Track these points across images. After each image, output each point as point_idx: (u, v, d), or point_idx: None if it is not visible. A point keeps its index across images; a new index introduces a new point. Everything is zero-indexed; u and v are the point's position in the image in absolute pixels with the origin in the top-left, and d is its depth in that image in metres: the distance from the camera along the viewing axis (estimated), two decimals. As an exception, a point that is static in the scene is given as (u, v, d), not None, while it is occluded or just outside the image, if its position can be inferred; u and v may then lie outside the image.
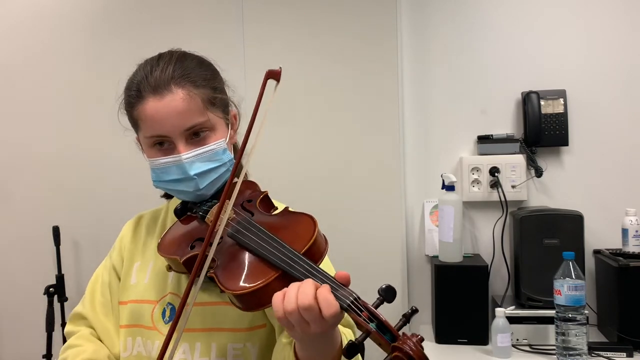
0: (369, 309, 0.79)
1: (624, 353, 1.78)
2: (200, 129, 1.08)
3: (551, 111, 2.12)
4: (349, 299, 0.80)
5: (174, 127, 1.06)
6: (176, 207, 1.17)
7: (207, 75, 1.12)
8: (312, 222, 0.94)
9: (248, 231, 0.98)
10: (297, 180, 2.16)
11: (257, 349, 1.09)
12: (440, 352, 1.89)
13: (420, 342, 0.75)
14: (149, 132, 1.09)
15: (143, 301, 1.14)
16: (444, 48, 2.21)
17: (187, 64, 1.11)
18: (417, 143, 2.22)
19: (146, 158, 1.14)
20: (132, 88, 1.10)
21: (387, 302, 0.80)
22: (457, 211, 2.00)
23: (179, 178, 1.09)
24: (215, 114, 1.11)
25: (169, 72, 1.07)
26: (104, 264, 1.26)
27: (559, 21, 2.15)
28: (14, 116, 2.38)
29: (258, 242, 0.94)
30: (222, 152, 1.11)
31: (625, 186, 2.11)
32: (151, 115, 1.07)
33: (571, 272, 1.71)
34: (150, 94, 1.07)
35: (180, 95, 1.06)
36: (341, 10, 2.17)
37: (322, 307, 0.79)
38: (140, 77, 1.09)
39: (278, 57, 2.19)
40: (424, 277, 2.21)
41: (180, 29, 2.24)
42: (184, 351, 1.08)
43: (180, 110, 1.06)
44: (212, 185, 1.11)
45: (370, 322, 0.78)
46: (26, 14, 2.36)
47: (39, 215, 2.33)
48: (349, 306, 0.79)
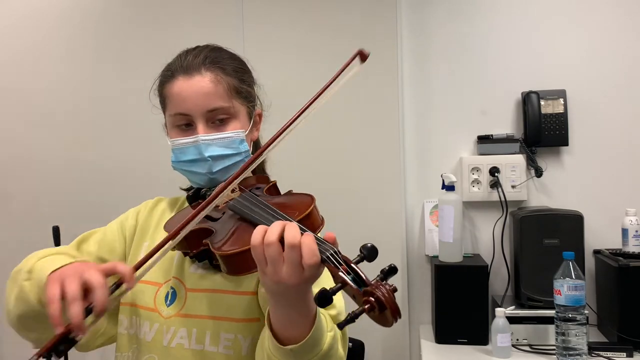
0: (348, 263, 0.79)
1: (624, 353, 1.78)
2: (222, 114, 1.13)
3: (551, 111, 2.12)
4: (329, 250, 0.80)
5: (197, 106, 1.10)
6: (188, 194, 1.20)
7: (238, 67, 1.18)
8: (310, 197, 0.98)
9: (247, 202, 1.01)
10: (297, 180, 2.13)
11: (248, 342, 1.08)
12: (440, 352, 1.90)
13: (393, 291, 0.73)
14: (173, 110, 1.13)
15: (148, 282, 1.14)
16: (444, 48, 2.21)
17: (220, 54, 1.17)
18: (417, 143, 2.22)
19: (168, 140, 1.17)
20: (168, 70, 1.16)
21: (368, 260, 0.79)
22: (457, 211, 2.00)
23: (194, 159, 1.13)
24: (239, 102, 1.15)
25: (201, 57, 1.14)
26: (109, 225, 1.26)
27: (559, 21, 2.15)
28: (14, 116, 2.38)
29: (255, 210, 0.97)
30: (239, 142, 1.14)
31: (625, 186, 2.11)
32: (178, 92, 1.12)
33: (571, 272, 1.71)
34: (181, 74, 1.12)
35: (209, 77, 1.12)
36: (341, 10, 2.17)
37: (304, 253, 0.79)
38: (176, 61, 1.16)
39: (278, 57, 2.20)
40: (424, 277, 2.21)
41: (180, 28, 2.23)
42: (182, 336, 1.09)
43: (205, 91, 1.11)
44: (225, 172, 1.14)
45: (347, 275, 0.77)
46: (26, 14, 2.36)
47: (39, 215, 2.33)
48: (328, 257, 0.79)
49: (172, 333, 1.09)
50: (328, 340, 0.91)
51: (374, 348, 2.11)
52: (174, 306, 1.11)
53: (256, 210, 0.97)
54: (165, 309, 1.12)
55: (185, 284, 1.13)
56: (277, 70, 2.19)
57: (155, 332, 1.11)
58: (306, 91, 1.08)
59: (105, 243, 1.22)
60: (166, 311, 1.11)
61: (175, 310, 1.11)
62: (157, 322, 1.11)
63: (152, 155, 1.81)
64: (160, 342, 1.09)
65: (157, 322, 1.11)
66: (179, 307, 1.11)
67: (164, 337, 1.09)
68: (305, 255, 0.79)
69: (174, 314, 1.11)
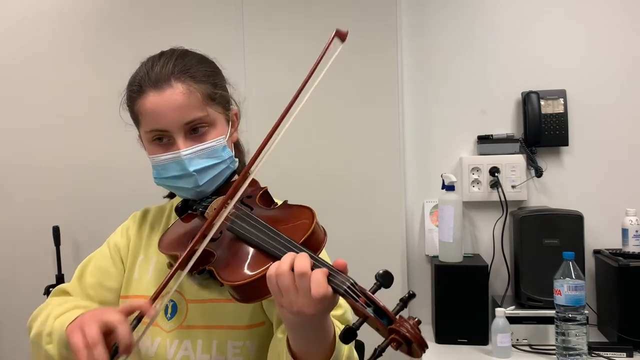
0: (366, 294, 0.79)
1: (624, 353, 1.78)
2: (200, 124, 1.09)
3: (551, 111, 2.12)
4: (345, 284, 0.80)
5: (174, 121, 1.06)
6: (177, 205, 1.17)
7: (208, 72, 1.13)
8: (310, 213, 0.95)
9: (246, 224, 0.98)
10: (296, 181, 2.16)
11: (255, 347, 1.09)
12: (440, 352, 1.89)
13: (417, 324, 0.75)
14: (148, 127, 1.09)
15: (146, 297, 1.14)
16: (444, 48, 2.21)
17: (187, 60, 1.11)
18: (417, 143, 2.22)
19: (147, 156, 1.14)
20: (134, 83, 1.11)
21: (385, 287, 0.80)
22: (457, 211, 2.00)
23: (178, 174, 1.09)
24: (215, 109, 1.11)
25: (169, 67, 1.08)
26: (100, 250, 1.25)
27: (559, 21, 2.15)
28: (14, 116, 2.38)
29: (256, 233, 0.95)
30: (221, 149, 1.11)
31: (625, 186, 2.11)
32: (151, 109, 1.07)
33: (571, 272, 1.71)
34: (151, 88, 1.07)
35: (180, 89, 1.07)
36: (341, 11, 2.17)
37: (312, 285, 0.80)
38: (142, 73, 1.10)
39: (278, 57, 2.20)
40: (424, 277, 2.21)
41: (180, 29, 2.24)
42: (186, 348, 1.08)
43: (179, 104, 1.06)
44: (212, 182, 1.12)
45: (367, 307, 0.77)
46: (26, 14, 2.36)
47: (39, 215, 2.33)
48: (346, 291, 0.79)
49: (176, 346, 1.08)
50: (346, 352, 0.93)
51: (374, 348, 2.10)
52: (175, 319, 1.10)
53: (256, 233, 0.95)
54: (167, 323, 1.11)
55: (185, 295, 1.12)
56: (276, 71, 2.19)
57: (157, 347, 1.09)
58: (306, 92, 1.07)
59: (102, 271, 1.20)
60: (168, 325, 1.10)
61: (177, 323, 1.10)
62: (159, 336, 1.10)
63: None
64: (164, 357, 1.08)
65: (159, 336, 1.10)
66: (180, 320, 1.10)
67: (167, 351, 1.08)
68: (312, 287, 0.80)
69: (176, 327, 1.10)
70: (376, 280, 0.80)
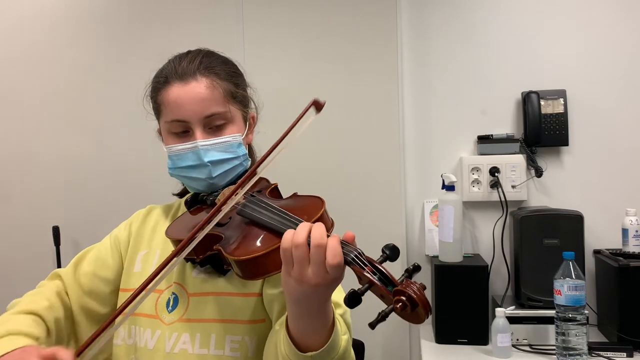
0: (372, 263, 0.80)
1: (624, 353, 1.78)
2: (219, 119, 1.13)
3: (551, 111, 2.12)
4: (353, 252, 0.82)
5: (195, 112, 1.10)
6: (187, 199, 1.20)
7: (231, 72, 1.18)
8: (320, 200, 0.98)
9: (257, 206, 1.01)
10: (296, 181, 2.14)
11: (254, 343, 1.09)
12: (440, 352, 1.90)
13: (422, 288, 0.76)
14: (169, 117, 1.13)
15: None
16: (444, 48, 2.21)
17: (213, 59, 1.17)
18: (417, 143, 2.23)
19: (164, 147, 1.17)
20: (161, 75, 1.16)
21: (390, 260, 0.82)
22: (457, 211, 2.00)
23: (193, 164, 1.13)
24: (235, 107, 1.16)
25: (195, 64, 1.13)
26: (103, 241, 1.27)
27: (559, 21, 2.15)
28: (14, 116, 2.38)
29: (267, 214, 0.97)
30: (237, 146, 1.15)
31: (625, 186, 2.11)
32: (174, 99, 1.11)
33: (571, 272, 1.71)
34: (177, 80, 1.12)
35: (204, 83, 1.12)
36: (341, 11, 2.17)
37: (327, 253, 0.81)
38: (169, 67, 1.15)
39: (278, 57, 2.20)
40: (424, 277, 2.21)
41: (180, 29, 2.23)
42: (185, 341, 1.08)
43: (202, 97, 1.11)
44: (225, 176, 1.15)
45: (373, 275, 0.79)
46: (26, 14, 2.36)
47: (39, 215, 2.33)
48: (353, 259, 0.81)
49: (175, 339, 1.09)
50: (343, 344, 0.93)
51: (374, 348, 2.11)
52: (176, 312, 1.11)
53: (267, 214, 0.97)
54: (167, 315, 1.11)
55: (187, 289, 1.12)
56: (277, 70, 2.19)
57: (157, 340, 1.10)
58: (306, 92, 1.08)
59: (99, 260, 1.22)
60: (168, 317, 1.11)
61: (177, 315, 1.10)
62: (159, 329, 1.10)
63: (153, 156, 1.81)
64: (163, 350, 1.09)
65: (159, 329, 1.10)
66: (181, 313, 1.10)
67: (166, 344, 1.09)
68: (328, 256, 0.81)
69: (176, 320, 1.10)
70: (382, 253, 0.82)
